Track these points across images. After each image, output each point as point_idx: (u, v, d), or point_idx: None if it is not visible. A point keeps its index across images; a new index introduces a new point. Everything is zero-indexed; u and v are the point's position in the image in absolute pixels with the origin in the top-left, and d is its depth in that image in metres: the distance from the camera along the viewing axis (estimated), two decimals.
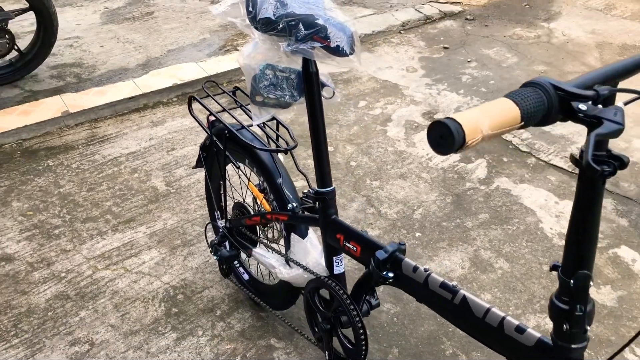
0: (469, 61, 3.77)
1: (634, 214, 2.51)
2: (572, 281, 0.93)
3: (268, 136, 1.75)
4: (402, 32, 4.18)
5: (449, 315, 1.25)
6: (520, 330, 1.10)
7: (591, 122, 0.79)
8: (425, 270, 1.29)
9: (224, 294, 2.15)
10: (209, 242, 2.02)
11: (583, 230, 0.92)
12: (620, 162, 0.88)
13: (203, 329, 2.01)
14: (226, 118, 1.77)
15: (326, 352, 1.61)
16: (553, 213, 2.51)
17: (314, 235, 1.71)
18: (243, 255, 2.10)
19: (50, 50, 3.49)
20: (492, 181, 2.71)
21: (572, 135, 3.02)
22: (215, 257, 1.96)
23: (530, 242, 2.36)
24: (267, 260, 1.79)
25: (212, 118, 1.79)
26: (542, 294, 2.13)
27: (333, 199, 1.54)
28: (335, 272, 1.59)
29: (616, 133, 0.77)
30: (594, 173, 0.77)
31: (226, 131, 1.73)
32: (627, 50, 3.84)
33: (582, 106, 0.79)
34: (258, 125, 1.77)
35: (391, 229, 2.43)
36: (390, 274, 1.35)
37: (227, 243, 1.96)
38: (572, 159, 0.89)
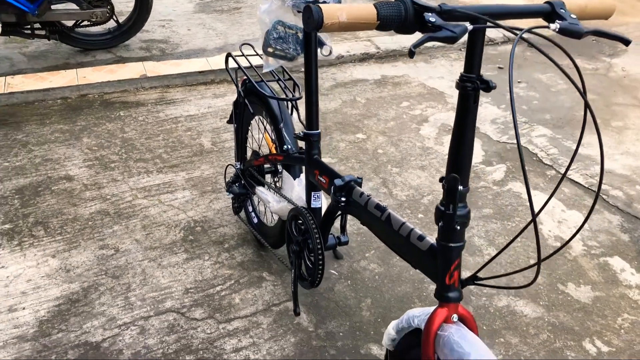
0: (519, 82, 3.92)
1: (637, 233, 2.57)
2: (444, 183, 1.15)
3: (284, 90, 2.04)
4: (462, 49, 4.39)
5: (378, 231, 1.48)
6: (420, 238, 1.32)
7: (434, 29, 1.00)
8: (368, 195, 1.53)
9: (235, 233, 2.46)
10: (226, 181, 2.34)
11: (458, 141, 1.14)
12: (486, 85, 1.10)
13: (210, 255, 2.33)
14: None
15: (292, 270, 1.87)
16: (556, 219, 2.63)
17: (304, 177, 1.98)
18: (255, 202, 2.42)
19: (143, 26, 4.01)
20: (506, 184, 2.86)
21: (599, 157, 3.09)
22: (227, 194, 2.28)
23: (525, 239, 2.50)
24: (264, 197, 2.08)
25: (244, 78, 2.12)
26: (521, 281, 2.26)
27: (317, 141, 1.81)
28: (312, 206, 1.86)
29: (448, 39, 0.99)
30: (411, 55, 0.93)
31: (247, 81, 2.05)
32: None
33: (432, 18, 1.01)
34: (278, 82, 2.09)
35: (397, 208, 2.65)
36: (343, 198, 1.59)
37: (239, 183, 2.28)
38: (456, 84, 1.12)
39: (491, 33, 4.60)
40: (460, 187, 1.15)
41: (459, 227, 1.18)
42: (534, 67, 4.18)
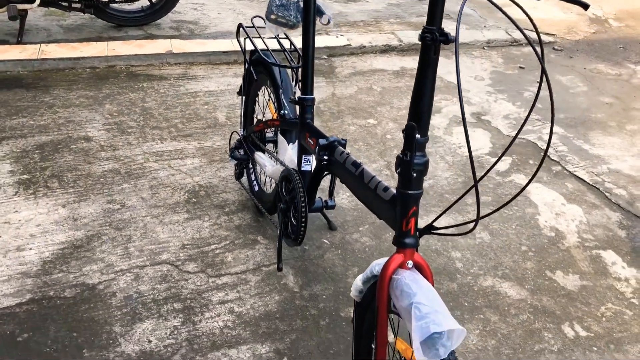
0: (537, 81, 3.92)
1: (636, 230, 2.57)
2: (403, 131, 1.22)
3: (288, 61, 2.13)
4: (485, 48, 4.41)
5: (353, 186, 1.56)
6: (385, 189, 1.39)
7: None
8: (347, 153, 1.61)
9: (237, 199, 2.56)
10: (230, 147, 2.44)
11: (418, 91, 1.20)
12: (445, 38, 1.16)
13: (210, 217, 2.43)
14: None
15: (279, 227, 1.96)
16: (554, 211, 2.65)
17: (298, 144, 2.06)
18: (258, 170, 2.51)
19: (174, 6, 4.16)
20: (509, 175, 2.88)
21: (609, 158, 3.09)
22: (229, 158, 2.38)
23: (520, 227, 2.53)
24: (262, 161, 2.18)
25: (252, 49, 2.22)
26: (510, 265, 2.30)
27: (311, 106, 1.89)
28: (302, 169, 1.94)
29: None
30: None
31: (254, 50, 2.15)
32: None
33: None
34: (284, 52, 2.17)
35: None
36: (326, 157, 1.67)
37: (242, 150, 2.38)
38: (419, 36, 1.19)
39: (516, 35, 4.62)
40: (419, 136, 1.21)
41: (415, 175, 1.24)
42: (556, 69, 4.18)
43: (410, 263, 1.30)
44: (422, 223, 1.32)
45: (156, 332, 1.89)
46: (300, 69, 1.97)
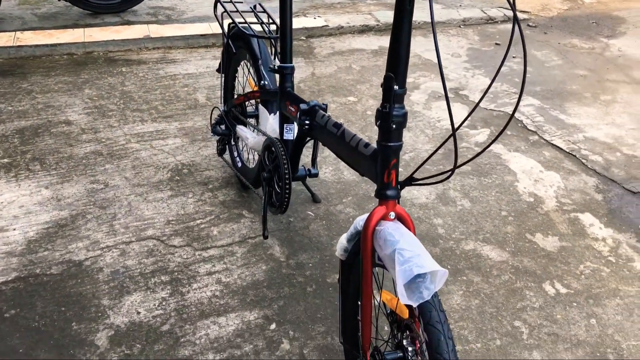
0: (514, 57, 3.98)
1: (611, 194, 2.64)
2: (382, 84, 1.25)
3: (266, 33, 2.14)
4: (461, 26, 4.46)
5: (335, 147, 1.58)
6: (366, 145, 1.42)
7: None
8: (328, 116, 1.63)
9: (220, 176, 2.57)
10: (211, 123, 2.45)
11: (395, 42, 1.23)
12: None
13: (194, 194, 2.44)
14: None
15: (263, 197, 1.98)
16: (533, 178, 2.70)
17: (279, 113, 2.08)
18: (240, 146, 2.53)
19: None
20: (488, 144, 2.93)
21: (584, 126, 3.16)
22: (211, 134, 2.39)
23: (499, 194, 2.58)
24: (243, 134, 2.19)
25: (230, 23, 2.23)
26: (490, 229, 2.35)
27: (290, 74, 1.91)
28: (284, 137, 1.96)
29: None
30: None
31: (231, 24, 2.16)
32: None
33: None
34: (261, 25, 2.18)
35: None
36: (307, 121, 1.70)
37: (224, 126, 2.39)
38: None
39: (491, 12, 4.67)
40: (397, 88, 1.24)
41: (394, 127, 1.27)
42: (532, 44, 4.24)
43: (392, 214, 1.33)
44: (406, 197, 1.35)
45: (144, 303, 1.90)
46: (278, 40, 1.99)
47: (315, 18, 4.19)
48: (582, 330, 1.92)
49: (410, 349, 1.36)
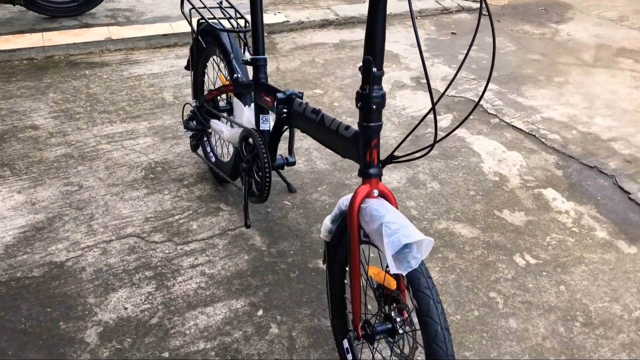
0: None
1: (570, 169, 2.78)
2: (361, 67, 1.31)
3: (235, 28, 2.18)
4: (418, 17, 4.58)
5: (314, 132, 1.64)
6: (347, 128, 1.48)
7: None
8: (305, 103, 1.69)
9: (194, 172, 2.59)
10: (184, 120, 2.48)
11: (371, 26, 1.29)
12: None
13: (169, 190, 2.46)
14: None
15: (243, 187, 2.02)
16: (496, 158, 2.82)
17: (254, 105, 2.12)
18: (213, 141, 2.56)
19: None
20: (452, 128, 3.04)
21: (541, 108, 3.31)
22: (184, 130, 2.42)
23: (466, 175, 2.69)
24: (218, 127, 2.23)
25: (199, 20, 2.25)
26: (460, 209, 2.45)
27: (264, 66, 1.96)
28: (260, 128, 2.00)
29: None
30: None
31: (200, 20, 2.19)
32: (623, 52, 4.08)
33: None
34: (229, 20, 2.21)
35: None
36: (285, 110, 1.75)
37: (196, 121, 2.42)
38: None
39: (445, 3, 4.80)
40: (375, 70, 1.30)
41: (375, 107, 1.33)
42: (485, 32, 4.38)
43: (376, 192, 1.40)
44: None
45: (131, 299, 1.92)
46: (247, 34, 2.03)
47: (275, 14, 4.23)
48: (552, 296, 2.03)
49: (398, 319, 1.43)
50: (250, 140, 1.99)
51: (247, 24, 2.14)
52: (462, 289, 2.04)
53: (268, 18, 4.14)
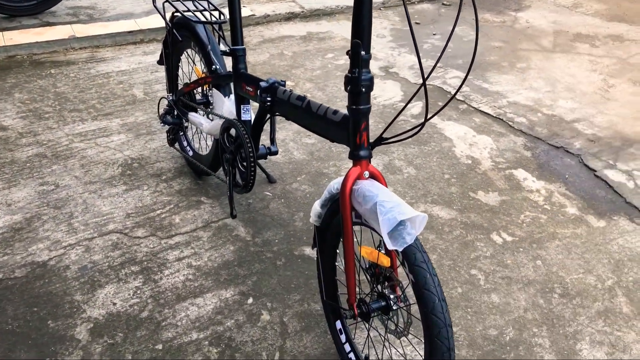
0: (434, 34, 4.21)
1: (538, 150, 2.88)
2: (349, 51, 1.34)
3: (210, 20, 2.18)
4: (382, 9, 4.64)
5: (302, 119, 1.66)
6: (335, 112, 1.52)
7: None
8: (290, 91, 1.71)
9: (172, 166, 2.59)
10: (160, 114, 2.47)
11: (358, 10, 1.32)
12: None
13: (148, 186, 2.45)
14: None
15: (228, 178, 2.03)
16: (468, 142, 2.90)
17: (233, 96, 2.13)
18: (189, 135, 2.55)
19: None
20: (419, 118, 3.11)
21: (506, 92, 3.41)
22: (161, 124, 2.41)
23: (440, 159, 2.76)
24: (197, 120, 2.23)
25: (175, 16, 2.24)
26: (437, 192, 2.52)
27: (243, 56, 1.97)
28: (242, 118, 2.02)
29: None
30: None
31: (174, 13, 2.19)
32: (579, 37, 4.23)
33: None
34: (202, 12, 2.21)
35: (325, 140, 2.84)
36: (269, 98, 1.77)
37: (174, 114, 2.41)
38: None
39: None
40: (363, 53, 1.34)
41: (364, 90, 1.37)
42: (448, 21, 4.48)
43: (366, 173, 1.43)
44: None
45: (119, 294, 1.92)
46: (222, 25, 2.04)
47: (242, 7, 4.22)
48: (530, 271, 2.11)
49: (392, 295, 1.48)
50: (233, 130, 2.00)
51: (222, 16, 2.15)
52: (444, 268, 2.10)
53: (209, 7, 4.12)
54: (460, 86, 1.39)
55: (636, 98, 3.44)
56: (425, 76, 1.24)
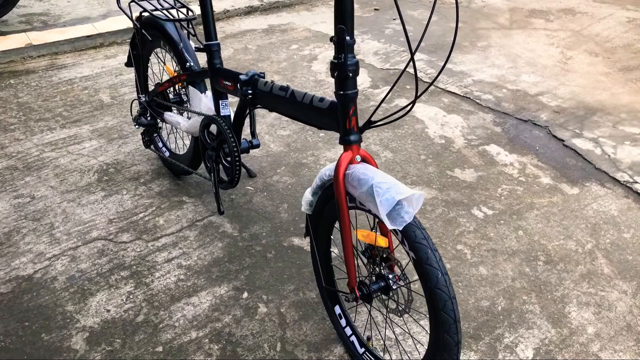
0: (394, 19, 4.25)
1: (507, 125, 2.96)
2: (334, 38, 1.36)
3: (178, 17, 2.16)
4: None
5: (286, 109, 1.67)
6: (321, 100, 1.53)
7: None
8: (271, 82, 1.72)
9: (149, 169, 2.56)
10: (133, 116, 2.43)
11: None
12: None
13: (127, 190, 2.42)
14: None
15: (212, 175, 2.02)
16: (439, 122, 2.95)
17: (209, 91, 2.12)
18: (164, 137, 2.52)
19: (18, 1, 3.90)
20: (392, 101, 3.15)
21: (471, 71, 3.48)
22: (136, 126, 2.37)
23: (415, 141, 2.80)
24: (174, 119, 2.21)
25: (143, 15, 2.20)
26: (415, 172, 2.56)
27: (218, 51, 1.96)
28: (222, 114, 2.01)
29: None
30: None
31: (142, 12, 2.15)
32: (534, 13, 4.35)
33: None
34: (167, 10, 2.18)
35: (300, 130, 2.86)
36: (250, 91, 1.77)
37: (148, 116, 2.38)
38: None
39: None
40: (348, 38, 1.35)
41: (351, 75, 1.38)
42: (407, 5, 4.54)
43: (358, 157, 1.45)
44: (329, 154, 1.47)
45: (112, 301, 1.89)
46: (192, 22, 2.02)
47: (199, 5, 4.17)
48: (513, 241, 2.18)
49: (390, 276, 1.50)
50: (213, 127, 1.99)
51: (191, 12, 2.13)
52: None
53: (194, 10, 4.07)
54: (444, 65, 1.42)
55: (593, 68, 3.56)
56: (413, 51, 1.26)
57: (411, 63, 1.31)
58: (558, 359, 1.72)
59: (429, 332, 1.43)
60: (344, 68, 1.37)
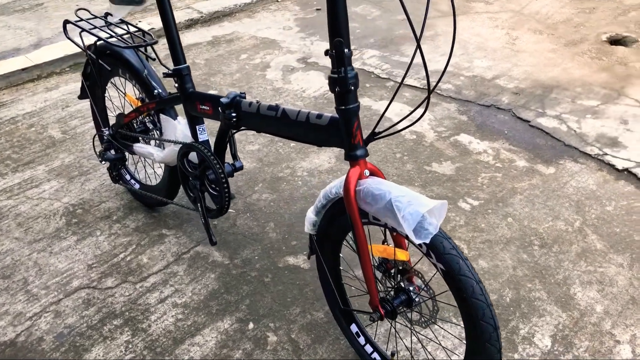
0: None
1: (472, 112, 2.98)
2: (333, 50, 1.29)
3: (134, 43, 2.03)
4: (279, 0, 4.58)
5: (277, 129, 1.59)
6: (319, 116, 1.46)
7: None
8: (257, 102, 1.63)
9: (120, 204, 2.41)
10: (98, 152, 2.28)
11: (332, 8, 1.27)
12: None
13: (101, 230, 2.27)
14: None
15: (199, 205, 1.92)
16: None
17: (182, 118, 2.01)
18: (132, 169, 2.38)
19: None
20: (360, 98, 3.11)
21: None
22: (102, 162, 2.23)
23: (386, 139, 2.77)
24: (145, 150, 2.08)
25: (92, 43, 2.06)
26: (394, 172, 2.53)
27: (188, 74, 1.85)
28: (200, 140, 1.90)
29: None
30: None
31: (97, 42, 2.01)
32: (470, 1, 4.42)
33: None
34: (121, 36, 2.04)
35: (269, 143, 2.77)
36: (234, 114, 1.67)
37: (113, 150, 2.24)
38: None
39: None
40: (346, 50, 1.29)
41: (352, 88, 1.33)
42: (350, 2, 4.50)
43: (367, 172, 1.40)
44: (304, 164, 1.41)
45: (110, 354, 1.76)
46: (152, 46, 1.91)
47: (137, 22, 4.00)
48: (505, 229, 2.18)
49: (411, 288, 1.46)
50: (192, 154, 1.88)
51: (149, 36, 2.01)
52: None
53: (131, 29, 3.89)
54: (446, 66, 1.38)
55: (540, 46, 3.64)
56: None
57: (416, 68, 1.26)
58: (576, 342, 1.73)
59: (464, 341, 1.40)
60: (345, 82, 1.31)
